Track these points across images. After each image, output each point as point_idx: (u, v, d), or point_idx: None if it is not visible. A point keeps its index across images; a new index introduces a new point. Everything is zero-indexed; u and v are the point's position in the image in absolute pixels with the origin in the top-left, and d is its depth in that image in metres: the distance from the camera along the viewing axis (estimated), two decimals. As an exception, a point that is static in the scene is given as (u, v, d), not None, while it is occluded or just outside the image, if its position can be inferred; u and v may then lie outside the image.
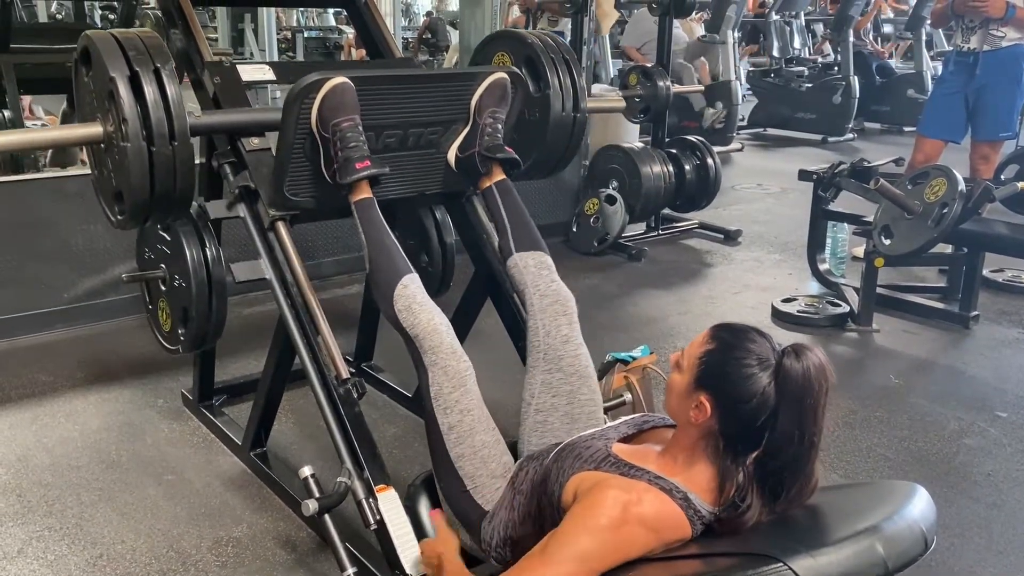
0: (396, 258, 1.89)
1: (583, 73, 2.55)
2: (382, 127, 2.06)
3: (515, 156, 2.11)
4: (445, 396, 1.79)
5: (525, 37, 2.53)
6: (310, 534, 2.23)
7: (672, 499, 1.42)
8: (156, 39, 1.98)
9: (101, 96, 1.94)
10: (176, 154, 1.91)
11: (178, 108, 1.90)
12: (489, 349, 2.50)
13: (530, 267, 2.01)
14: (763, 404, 1.37)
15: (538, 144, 2.50)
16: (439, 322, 1.82)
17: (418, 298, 1.84)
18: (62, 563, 2.12)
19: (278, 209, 2.09)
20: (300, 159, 2.00)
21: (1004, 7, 4.08)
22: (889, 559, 1.32)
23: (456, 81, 2.14)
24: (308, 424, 2.79)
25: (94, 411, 2.90)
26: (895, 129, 9.28)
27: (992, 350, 3.54)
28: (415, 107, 2.08)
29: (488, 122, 2.11)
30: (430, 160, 2.19)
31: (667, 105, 5.03)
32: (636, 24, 8.01)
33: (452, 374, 1.79)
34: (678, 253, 5.00)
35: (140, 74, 1.87)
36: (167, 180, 1.92)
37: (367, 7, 2.77)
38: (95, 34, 1.96)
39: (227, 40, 12.41)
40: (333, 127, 1.91)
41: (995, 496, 2.47)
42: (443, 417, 1.78)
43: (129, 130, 1.86)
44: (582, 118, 2.52)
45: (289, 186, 2.03)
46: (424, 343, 1.80)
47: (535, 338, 1.95)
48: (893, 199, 3.50)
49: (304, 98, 1.91)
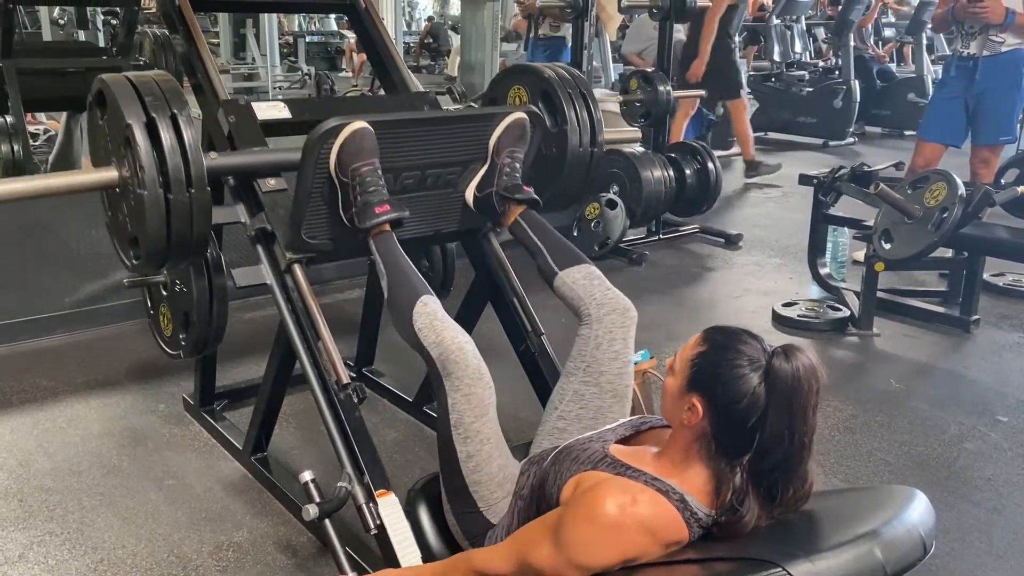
0: (414, 280, 1.84)
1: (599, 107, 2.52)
2: (400, 169, 2.03)
3: (534, 196, 2.08)
4: (466, 426, 1.71)
5: (542, 71, 2.49)
6: (311, 539, 2.23)
7: (668, 500, 1.42)
8: (172, 82, 1.96)
9: (117, 141, 1.92)
10: (193, 201, 1.89)
11: (195, 154, 1.88)
12: (489, 353, 2.48)
13: (579, 281, 1.95)
14: (753, 405, 1.38)
15: (555, 179, 2.45)
16: (463, 340, 1.73)
17: (439, 315, 1.77)
18: (63, 568, 2.13)
19: (295, 252, 2.06)
20: (318, 202, 1.97)
21: (1004, 13, 4.09)
22: (888, 564, 1.32)
23: (475, 122, 2.11)
24: (309, 429, 2.79)
25: (95, 416, 2.90)
26: (896, 133, 9.29)
27: (993, 354, 3.54)
28: (434, 148, 2.06)
29: (506, 162, 2.08)
30: (448, 200, 2.17)
31: (668, 109, 5.06)
32: (637, 30, 8.02)
33: (476, 403, 1.72)
34: (679, 257, 5.00)
35: (157, 120, 1.85)
36: (184, 227, 1.90)
37: (367, 12, 2.77)
38: (110, 78, 1.93)
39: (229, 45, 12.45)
40: (352, 172, 1.89)
41: (996, 500, 2.47)
42: (462, 445, 1.72)
43: (146, 178, 1.83)
44: (599, 152, 2.48)
45: (307, 229, 2.00)
46: (448, 365, 1.71)
47: (584, 347, 1.89)
48: (893, 203, 3.50)
49: (323, 143, 1.88)
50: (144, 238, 1.93)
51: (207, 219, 1.95)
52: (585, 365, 1.88)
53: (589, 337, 1.89)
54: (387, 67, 2.74)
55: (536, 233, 2.06)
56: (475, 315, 2.53)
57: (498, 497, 1.74)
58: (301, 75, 12.62)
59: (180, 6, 2.44)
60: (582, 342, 1.90)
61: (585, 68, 5.12)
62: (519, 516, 1.70)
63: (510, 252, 2.36)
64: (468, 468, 1.72)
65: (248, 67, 12.22)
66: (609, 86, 8.06)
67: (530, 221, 2.09)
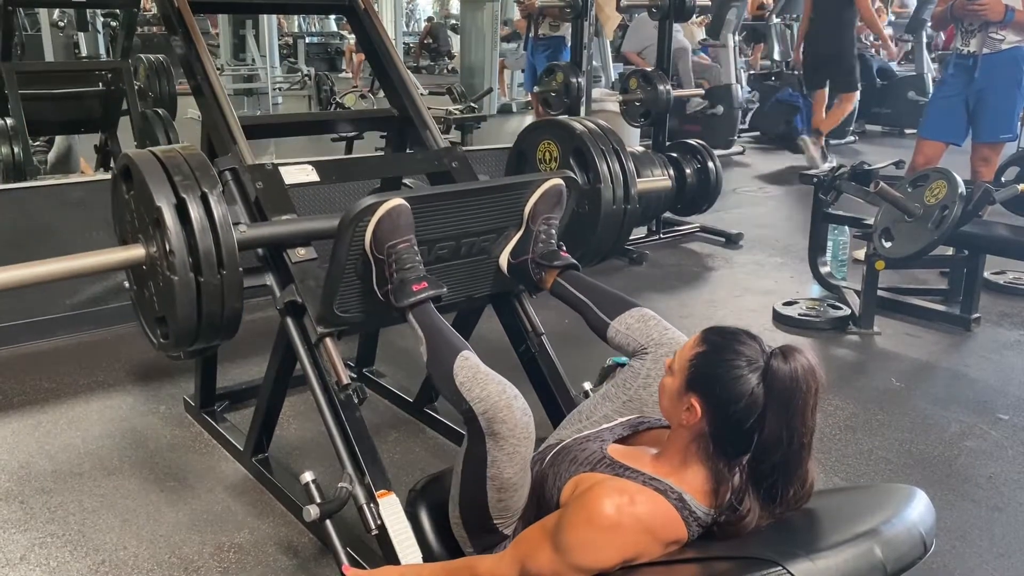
0: (452, 337, 1.78)
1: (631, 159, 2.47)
2: (435, 240, 2.00)
3: (573, 261, 2.05)
4: (504, 480, 1.63)
5: (574, 128, 2.45)
6: (312, 539, 2.24)
7: (667, 500, 1.42)
8: (202, 159, 1.94)
9: (145, 221, 1.90)
10: (224, 282, 1.87)
11: (226, 234, 1.85)
12: (488, 353, 2.49)
13: (633, 325, 1.88)
14: (752, 405, 1.38)
15: (588, 236, 2.42)
16: (511, 396, 1.62)
17: (481, 368, 1.68)
18: (64, 570, 2.13)
19: (326, 326, 2.00)
20: (351, 277, 1.93)
21: (1003, 10, 4.08)
22: (888, 563, 1.32)
23: (511, 191, 2.07)
24: (310, 430, 2.79)
25: (96, 418, 2.90)
26: (896, 132, 9.28)
27: (993, 352, 3.54)
28: (469, 218, 2.02)
29: (542, 228, 2.05)
30: (481, 266, 2.14)
31: (667, 109, 5.06)
32: (637, 30, 8.03)
33: (518, 460, 1.63)
34: (679, 257, 5.00)
35: (187, 200, 1.83)
36: (215, 308, 1.89)
37: (367, 14, 2.77)
38: (137, 155, 1.91)
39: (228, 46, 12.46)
40: (388, 249, 1.84)
41: (997, 499, 2.47)
42: (495, 494, 1.65)
43: (176, 262, 1.82)
44: (632, 209, 2.43)
45: (339, 303, 1.96)
46: (494, 424, 1.60)
47: (631, 380, 1.82)
48: (893, 202, 3.50)
49: (359, 222, 1.84)
50: (174, 321, 1.90)
51: (238, 299, 1.92)
52: (627, 398, 1.82)
53: (640, 372, 1.82)
54: (389, 73, 2.71)
55: (580, 291, 2.00)
56: (476, 315, 2.53)
57: (515, 519, 1.71)
58: (301, 76, 12.62)
59: (179, 7, 2.44)
60: (632, 374, 1.83)
61: (585, 67, 5.11)
62: (521, 518, 1.70)
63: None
64: (496, 510, 1.67)
65: (248, 68, 12.22)
66: (609, 85, 8.07)
67: (571, 280, 2.03)
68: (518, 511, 1.69)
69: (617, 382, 1.85)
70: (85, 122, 5.37)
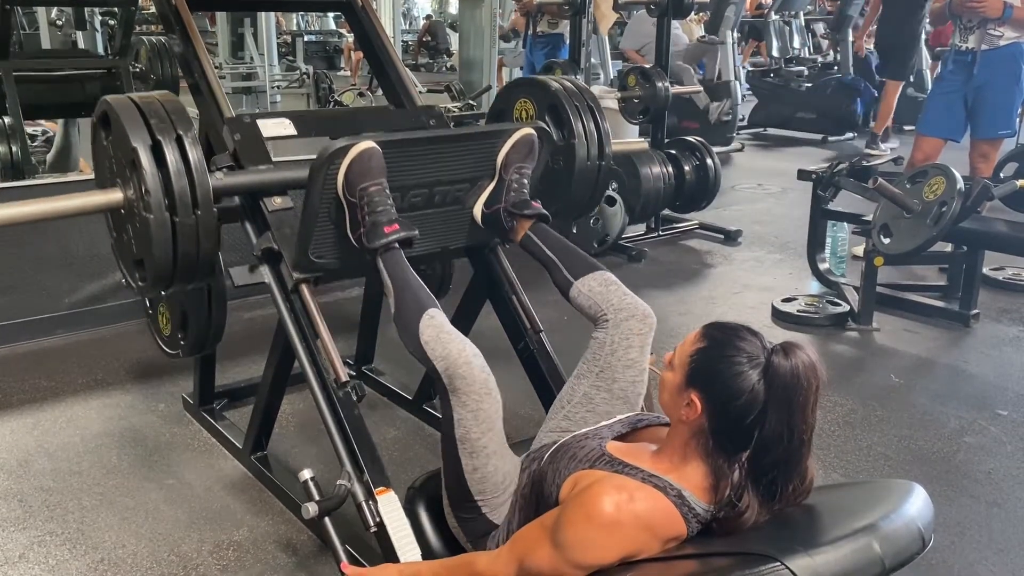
0: (420, 293, 1.81)
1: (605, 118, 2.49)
2: (408, 187, 2.02)
3: (543, 211, 2.07)
4: (472, 441, 1.69)
5: (548, 84, 2.47)
6: (311, 537, 2.24)
7: (666, 496, 1.42)
8: (177, 104, 1.94)
9: (122, 164, 1.91)
10: (200, 223, 1.87)
11: (201, 176, 1.87)
12: (487, 350, 2.48)
13: (595, 288, 1.92)
14: (752, 401, 1.37)
15: (563, 192, 2.44)
16: (471, 354, 1.69)
17: (446, 328, 1.73)
18: (64, 568, 2.13)
19: (302, 272, 2.04)
20: (325, 222, 1.96)
21: (1001, 7, 4.08)
22: (886, 557, 1.32)
23: (482, 139, 2.10)
24: (308, 427, 2.79)
25: (95, 416, 2.90)
26: (895, 128, 9.28)
27: (993, 348, 3.54)
28: (441, 166, 2.05)
29: (514, 178, 2.07)
30: (455, 216, 2.15)
31: (666, 106, 5.06)
32: (635, 26, 8.02)
33: (483, 418, 1.68)
34: (678, 254, 5.00)
35: (163, 143, 1.84)
36: (190, 248, 1.90)
37: (365, 11, 2.76)
38: (115, 100, 1.92)
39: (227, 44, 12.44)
40: (360, 192, 1.87)
41: (996, 494, 2.47)
42: (468, 460, 1.69)
43: (152, 201, 1.83)
44: (606, 165, 2.46)
45: (314, 249, 1.99)
46: (454, 380, 1.67)
47: (598, 351, 1.86)
48: (892, 198, 3.50)
49: (331, 164, 1.87)
50: (150, 261, 1.91)
51: (214, 240, 1.93)
52: (598, 370, 1.85)
53: (605, 342, 1.86)
54: (387, 71, 2.71)
55: (548, 246, 2.03)
56: (474, 313, 2.53)
57: (501, 501, 1.74)
58: (299, 74, 12.61)
59: (176, 6, 2.43)
60: (597, 346, 1.87)
61: (583, 65, 5.11)
62: (520, 514, 1.70)
63: (510, 253, 2.36)
64: (473, 480, 1.70)
65: (246, 66, 12.21)
66: (607, 83, 8.05)
67: (541, 234, 2.06)
68: (498, 487, 1.71)
69: (586, 358, 1.88)
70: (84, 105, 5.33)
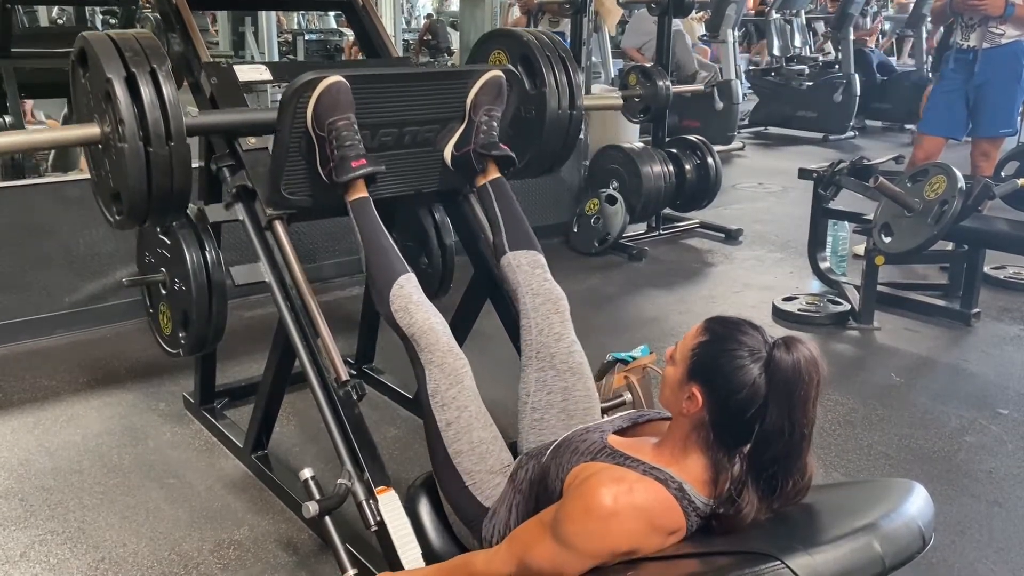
0: (393, 258, 1.90)
1: (579, 71, 2.55)
2: (378, 126, 2.06)
3: (510, 153, 2.12)
4: (442, 393, 1.80)
5: (521, 35, 2.53)
6: (311, 536, 2.24)
7: (666, 489, 1.42)
8: (152, 40, 1.98)
9: (98, 97, 1.95)
10: (173, 154, 1.91)
11: (174, 108, 1.90)
12: (489, 349, 2.50)
13: (523, 266, 2.02)
14: (753, 395, 1.38)
15: (535, 142, 2.50)
16: (435, 321, 1.83)
17: (414, 297, 1.84)
18: (64, 567, 2.13)
19: (275, 208, 2.09)
20: (296, 158, 2.00)
21: (1003, 5, 4.08)
22: (886, 557, 1.32)
23: (452, 79, 2.14)
24: (309, 426, 2.79)
25: (96, 415, 2.90)
26: (896, 127, 9.28)
27: (994, 347, 3.54)
28: (411, 105, 2.08)
29: (483, 120, 2.12)
30: (426, 158, 2.19)
31: (667, 105, 5.04)
32: (636, 25, 8.01)
33: (449, 371, 1.81)
34: (679, 253, 5.00)
35: (136, 75, 1.87)
36: (164, 180, 1.93)
37: (365, 10, 2.77)
38: (92, 35, 1.96)
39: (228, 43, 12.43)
40: (328, 126, 1.92)
41: (996, 493, 2.47)
42: (440, 414, 1.79)
43: (126, 131, 1.86)
44: (578, 115, 2.52)
45: (286, 185, 2.04)
46: (420, 342, 1.81)
47: (528, 336, 1.97)
48: (893, 197, 3.50)
49: (299, 97, 1.91)
50: (125, 191, 1.95)
51: (187, 172, 1.97)
52: (535, 352, 1.95)
53: (530, 327, 1.97)
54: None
55: (500, 206, 2.11)
56: (475, 311, 2.53)
57: (482, 472, 1.77)
58: (301, 73, 12.59)
59: (177, 4, 2.44)
60: (525, 332, 1.98)
61: (584, 64, 5.10)
62: (518, 510, 1.70)
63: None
64: (448, 437, 1.78)
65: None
66: (609, 81, 8.05)
67: (498, 191, 2.13)
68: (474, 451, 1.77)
69: (523, 350, 1.98)
70: None
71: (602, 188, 4.82)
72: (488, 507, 1.76)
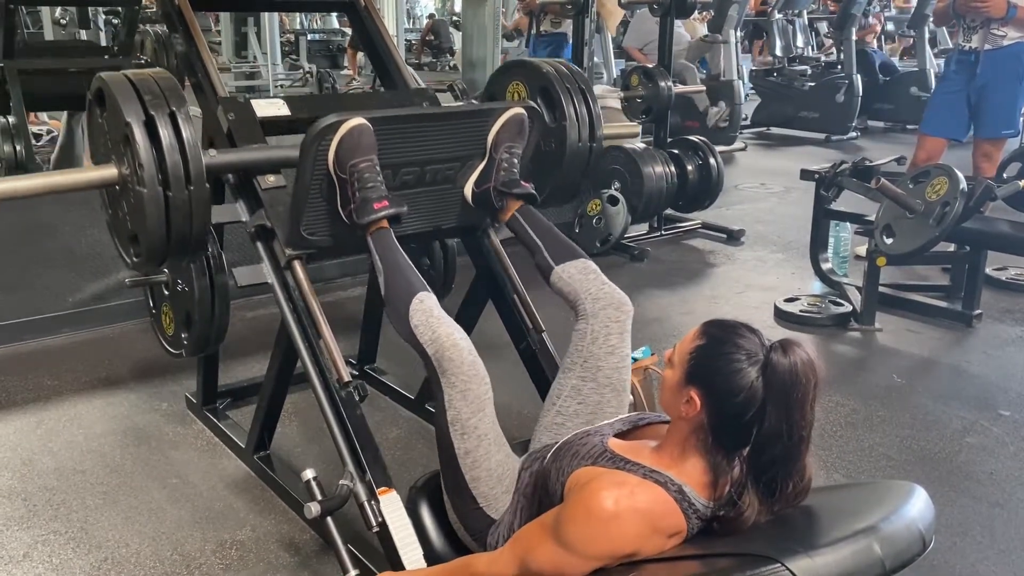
0: (411, 276, 1.84)
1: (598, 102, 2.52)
2: (399, 165, 2.03)
3: (532, 191, 2.09)
4: (463, 422, 1.71)
5: (540, 67, 2.48)
6: (313, 536, 2.24)
7: (666, 492, 1.43)
8: (171, 80, 1.96)
9: (116, 140, 1.93)
10: (192, 198, 1.89)
11: (194, 151, 1.88)
12: (490, 350, 2.48)
13: (575, 275, 1.95)
14: (751, 399, 1.38)
15: (554, 174, 2.46)
16: (459, 337, 1.72)
17: (435, 312, 1.76)
18: (67, 567, 2.14)
19: (295, 248, 2.06)
20: (317, 199, 1.97)
21: (1005, 7, 4.07)
22: (887, 559, 1.33)
23: (473, 117, 2.11)
24: (311, 427, 2.80)
25: (99, 415, 2.91)
26: (898, 128, 9.27)
27: (995, 349, 3.54)
28: (432, 144, 2.06)
29: (504, 157, 2.08)
30: (446, 195, 2.16)
31: (669, 105, 5.05)
32: (638, 25, 8.02)
33: (472, 399, 1.71)
34: (681, 253, 5.00)
35: (156, 118, 1.85)
36: (183, 223, 1.91)
37: (367, 11, 2.77)
38: (109, 76, 1.94)
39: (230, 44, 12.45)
40: (350, 168, 1.88)
41: (998, 495, 2.47)
42: (460, 442, 1.72)
43: (145, 175, 1.84)
44: (598, 147, 2.48)
45: (306, 225, 2.00)
46: (443, 362, 1.70)
47: (580, 342, 1.89)
48: (895, 198, 3.50)
49: (321, 140, 1.88)
50: (144, 235, 1.94)
51: (206, 216, 1.96)
52: (582, 360, 1.88)
53: (585, 332, 1.89)
54: (390, 71, 2.72)
55: (533, 229, 2.07)
56: (476, 313, 2.54)
57: (497, 493, 1.75)
58: (303, 73, 12.61)
59: (179, 5, 2.44)
60: (578, 337, 1.90)
61: (586, 64, 5.11)
62: (521, 514, 1.71)
63: (510, 249, 2.37)
64: (466, 464, 1.73)
65: (250, 65, 12.22)
66: (611, 82, 8.05)
67: (528, 217, 2.09)
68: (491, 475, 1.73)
69: (570, 351, 1.91)
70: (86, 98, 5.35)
71: (604, 189, 4.82)
72: (496, 519, 1.75)
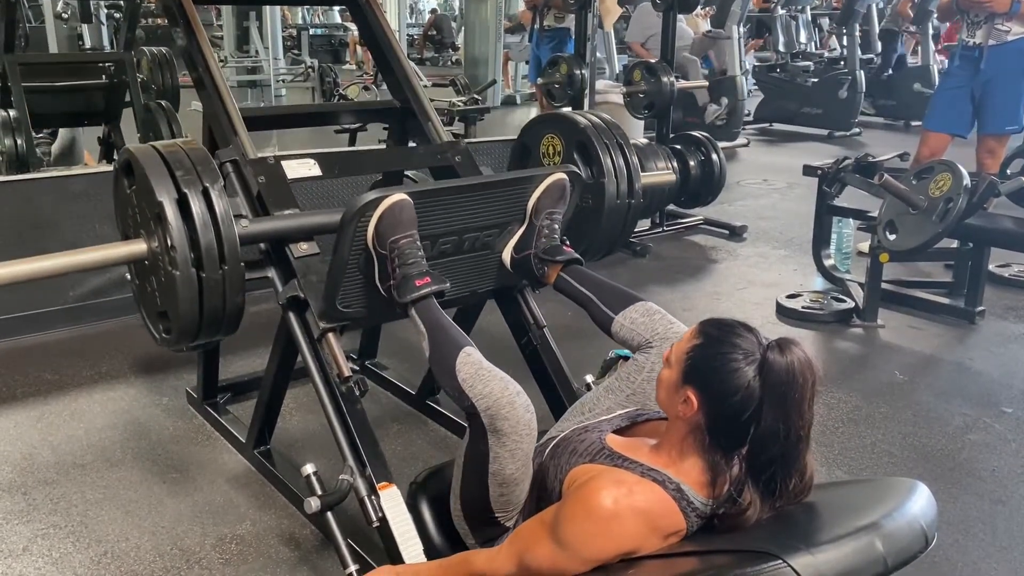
0: (454, 333, 1.76)
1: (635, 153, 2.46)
2: (438, 236, 1.98)
3: (576, 256, 2.03)
4: (506, 476, 1.64)
5: (577, 122, 2.43)
6: (313, 531, 2.24)
7: (665, 490, 1.42)
8: (203, 153, 1.93)
9: (146, 216, 1.89)
10: (226, 278, 1.86)
11: (228, 229, 1.85)
12: (490, 347, 2.49)
13: (638, 320, 1.87)
14: (748, 398, 1.37)
15: (592, 230, 2.40)
16: (514, 392, 1.62)
17: (484, 365, 1.66)
18: (67, 560, 2.13)
19: (329, 321, 1.99)
20: (354, 273, 1.92)
21: (1009, 2, 4.06)
22: (889, 556, 1.32)
23: (514, 185, 2.06)
24: (312, 422, 2.79)
25: (99, 409, 2.91)
26: (901, 123, 9.25)
27: (998, 346, 3.53)
28: (472, 213, 2.01)
29: (545, 223, 2.04)
30: (484, 261, 2.12)
31: (671, 101, 5.04)
32: (640, 19, 7.99)
33: (520, 456, 1.63)
34: (683, 249, 4.99)
35: (188, 195, 1.82)
36: (217, 303, 1.88)
37: (369, 6, 2.75)
38: (138, 150, 1.91)
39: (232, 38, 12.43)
40: (391, 244, 1.83)
41: (1000, 492, 2.46)
42: (496, 488, 1.65)
43: (178, 257, 1.81)
44: (637, 203, 2.41)
45: (342, 299, 1.95)
46: (497, 420, 1.60)
47: (635, 374, 1.80)
48: (898, 194, 3.48)
49: (361, 217, 1.83)
50: (176, 316, 1.90)
51: (240, 294, 1.92)
52: (630, 392, 1.79)
53: (644, 366, 1.80)
54: (392, 66, 2.69)
55: (584, 286, 1.99)
56: (477, 307, 2.53)
57: (515, 513, 1.72)
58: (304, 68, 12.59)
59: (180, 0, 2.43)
60: (635, 367, 1.81)
61: (589, 59, 5.09)
62: (522, 511, 1.70)
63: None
64: (498, 504, 1.68)
65: (251, 60, 12.20)
66: (613, 77, 8.04)
67: (574, 275, 2.02)
68: (519, 504, 1.69)
69: (621, 375, 1.83)
70: (88, 114, 5.38)
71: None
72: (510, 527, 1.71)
